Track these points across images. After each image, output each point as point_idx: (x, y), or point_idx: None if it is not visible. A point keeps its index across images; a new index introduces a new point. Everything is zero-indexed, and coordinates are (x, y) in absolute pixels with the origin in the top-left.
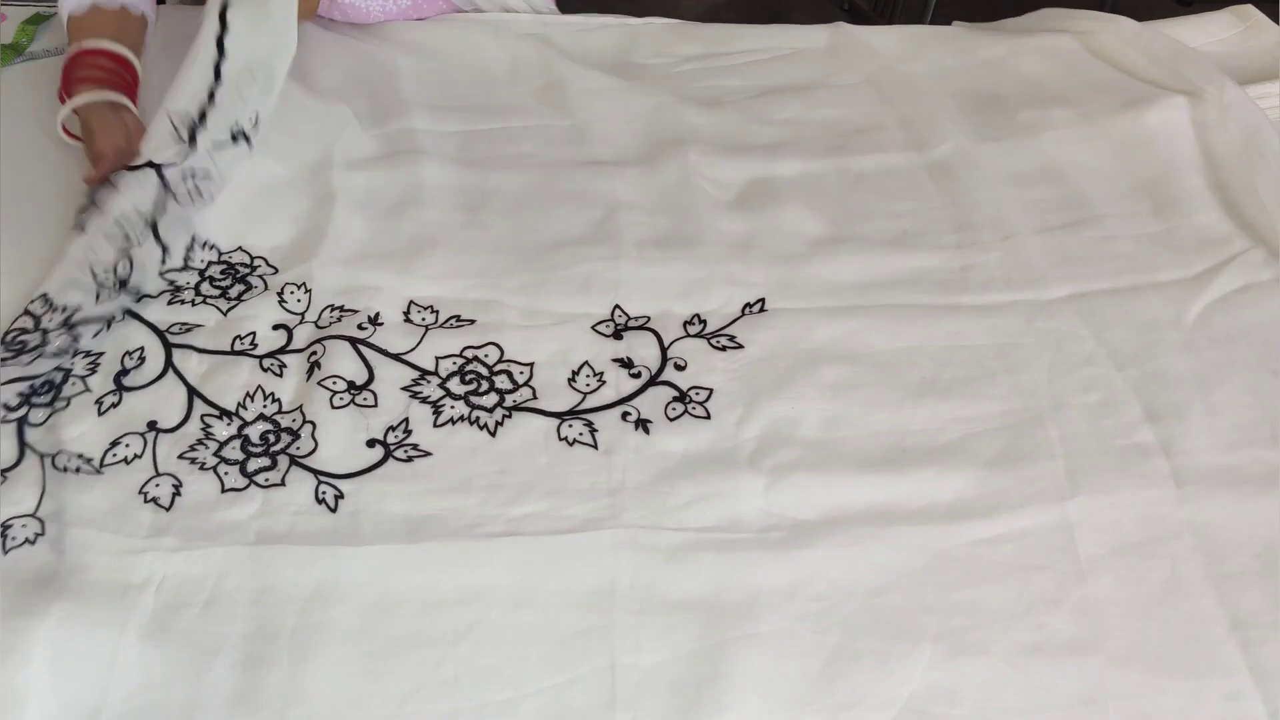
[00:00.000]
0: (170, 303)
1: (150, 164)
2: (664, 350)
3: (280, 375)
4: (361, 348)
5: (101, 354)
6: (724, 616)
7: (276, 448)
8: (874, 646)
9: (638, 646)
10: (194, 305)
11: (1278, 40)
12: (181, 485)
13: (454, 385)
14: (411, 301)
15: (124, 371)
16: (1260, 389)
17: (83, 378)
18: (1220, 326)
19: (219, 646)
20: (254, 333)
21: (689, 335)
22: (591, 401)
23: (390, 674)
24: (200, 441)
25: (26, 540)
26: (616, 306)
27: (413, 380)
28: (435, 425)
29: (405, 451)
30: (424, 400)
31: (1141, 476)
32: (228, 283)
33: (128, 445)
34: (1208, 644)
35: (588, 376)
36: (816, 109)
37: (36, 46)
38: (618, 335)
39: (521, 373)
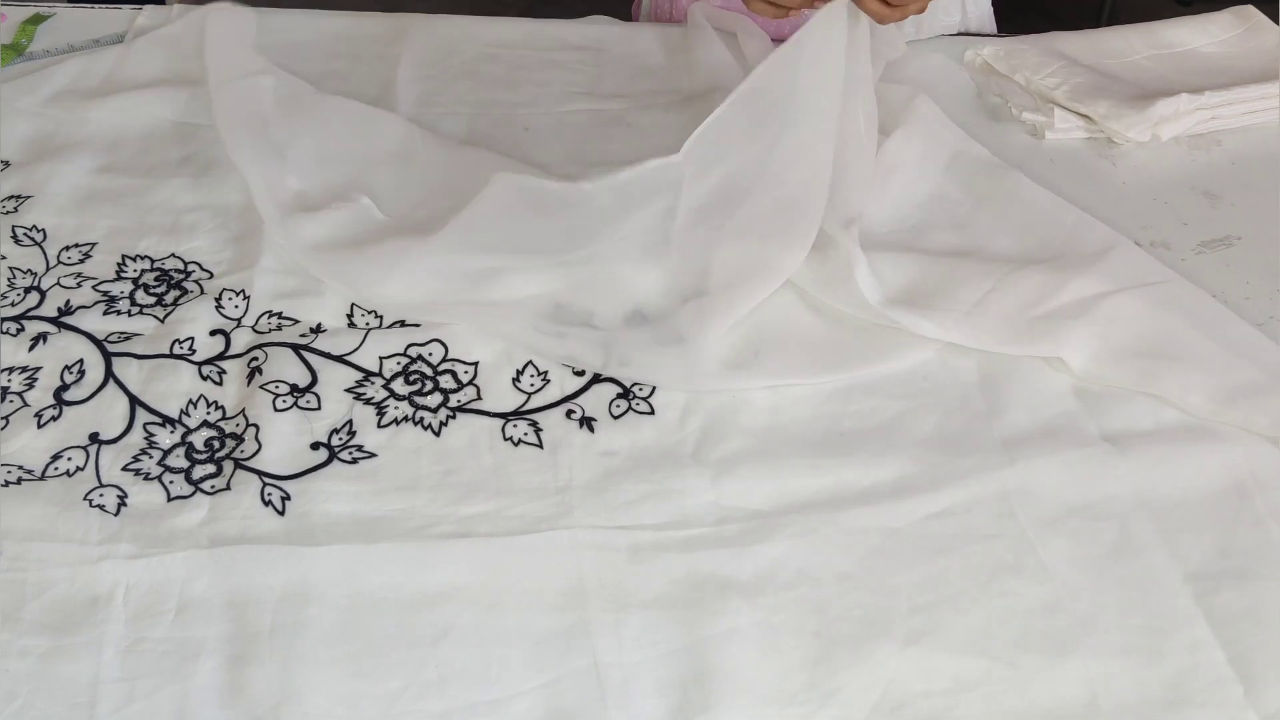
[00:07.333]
0: (106, 313)
1: None
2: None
3: (220, 383)
4: (304, 353)
5: (39, 369)
6: (700, 614)
7: (221, 454)
8: (849, 631)
9: (619, 645)
10: (130, 316)
11: (1278, 40)
12: (127, 495)
13: (398, 386)
14: (354, 304)
15: (64, 386)
16: None
17: (20, 394)
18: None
19: (199, 651)
20: (192, 337)
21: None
22: (536, 401)
23: (375, 674)
24: (144, 451)
25: None
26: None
27: (356, 382)
28: (379, 426)
29: (350, 453)
30: (368, 401)
31: (1074, 442)
32: (162, 289)
33: (69, 459)
34: (1164, 598)
35: (532, 376)
36: None
37: (36, 46)
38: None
39: (466, 372)
